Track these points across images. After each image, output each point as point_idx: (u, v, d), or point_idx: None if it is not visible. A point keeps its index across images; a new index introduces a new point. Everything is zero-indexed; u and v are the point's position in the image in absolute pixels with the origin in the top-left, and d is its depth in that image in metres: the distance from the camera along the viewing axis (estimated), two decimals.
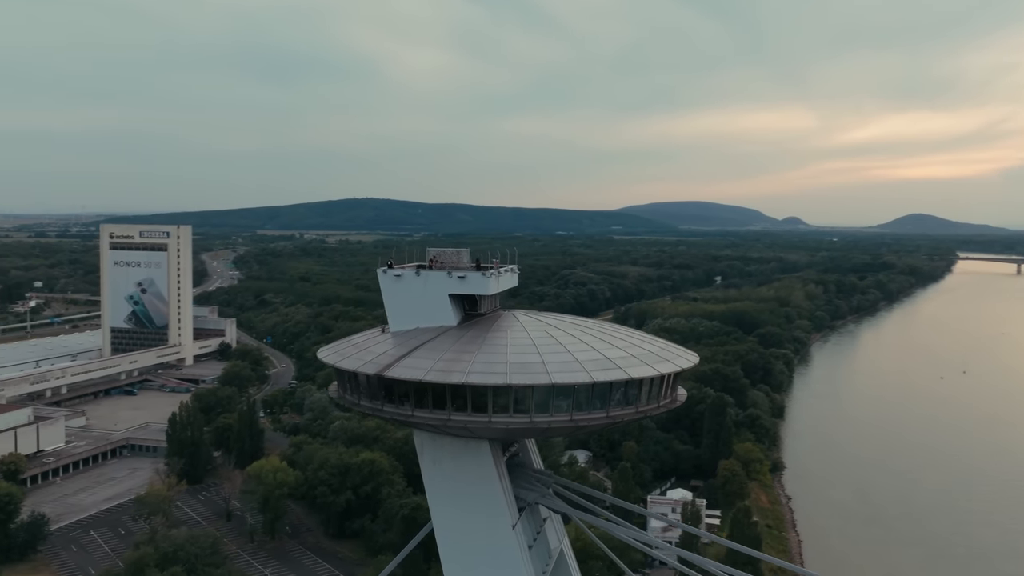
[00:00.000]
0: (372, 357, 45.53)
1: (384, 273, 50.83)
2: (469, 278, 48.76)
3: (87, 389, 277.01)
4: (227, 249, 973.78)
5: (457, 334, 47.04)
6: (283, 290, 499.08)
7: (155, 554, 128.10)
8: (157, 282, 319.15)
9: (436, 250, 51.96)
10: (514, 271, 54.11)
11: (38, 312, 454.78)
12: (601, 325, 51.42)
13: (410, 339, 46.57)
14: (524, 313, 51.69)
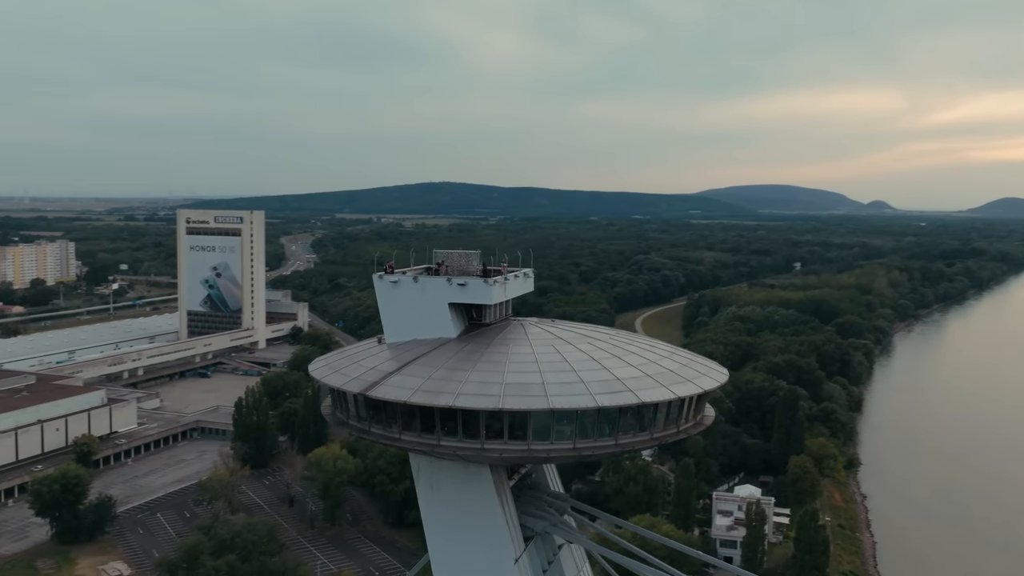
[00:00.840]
0: (360, 373, 42.22)
1: (380, 279, 47.15)
2: (470, 286, 44.80)
3: (163, 371, 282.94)
4: (306, 233, 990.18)
5: (455, 348, 43.27)
6: (356, 274, 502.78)
7: (210, 542, 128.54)
8: (231, 266, 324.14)
9: (445, 252, 48.59)
10: (527, 276, 50.07)
11: (121, 294, 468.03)
12: (620, 337, 47.16)
13: (404, 352, 43.09)
14: (536, 323, 47.92)
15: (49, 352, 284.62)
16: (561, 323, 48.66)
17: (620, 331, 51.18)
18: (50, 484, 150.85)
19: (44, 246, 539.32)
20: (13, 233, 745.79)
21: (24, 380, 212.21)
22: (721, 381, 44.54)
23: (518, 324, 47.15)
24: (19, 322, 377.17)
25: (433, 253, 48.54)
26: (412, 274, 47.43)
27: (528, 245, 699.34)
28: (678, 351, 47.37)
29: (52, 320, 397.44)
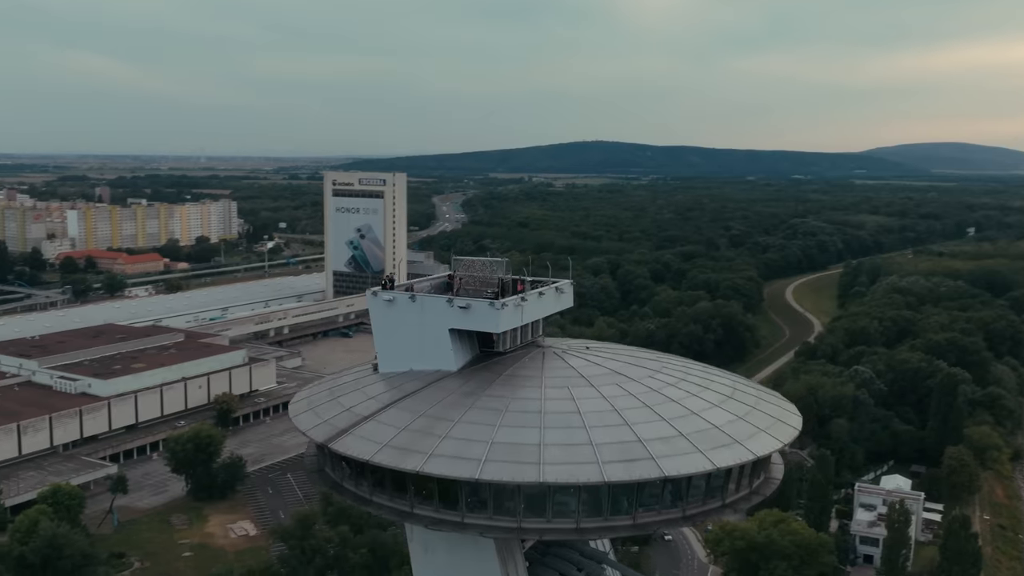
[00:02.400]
0: (333, 415, 36.32)
1: (373, 296, 41.07)
2: (474, 309, 37.60)
3: (307, 330, 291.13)
4: (458, 192, 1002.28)
5: (450, 387, 36.63)
6: (501, 236, 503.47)
7: (322, 513, 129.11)
8: (374, 228, 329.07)
9: (466, 260, 42.40)
10: (560, 291, 42.20)
11: (277, 252, 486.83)
12: (666, 372, 38.78)
13: (391, 389, 37.23)
14: (563, 351, 40.22)
15: (204, 309, 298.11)
16: (597, 348, 41.36)
17: (672, 359, 42.55)
18: (184, 443, 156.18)
19: (208, 205, 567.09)
20: (187, 191, 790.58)
21: (173, 338, 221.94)
22: (786, 440, 36.06)
23: (538, 354, 39.86)
24: (182, 278, 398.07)
25: (452, 261, 42.55)
26: (417, 288, 41.63)
27: (678, 206, 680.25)
28: (743, 388, 39.10)
29: (212, 277, 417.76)
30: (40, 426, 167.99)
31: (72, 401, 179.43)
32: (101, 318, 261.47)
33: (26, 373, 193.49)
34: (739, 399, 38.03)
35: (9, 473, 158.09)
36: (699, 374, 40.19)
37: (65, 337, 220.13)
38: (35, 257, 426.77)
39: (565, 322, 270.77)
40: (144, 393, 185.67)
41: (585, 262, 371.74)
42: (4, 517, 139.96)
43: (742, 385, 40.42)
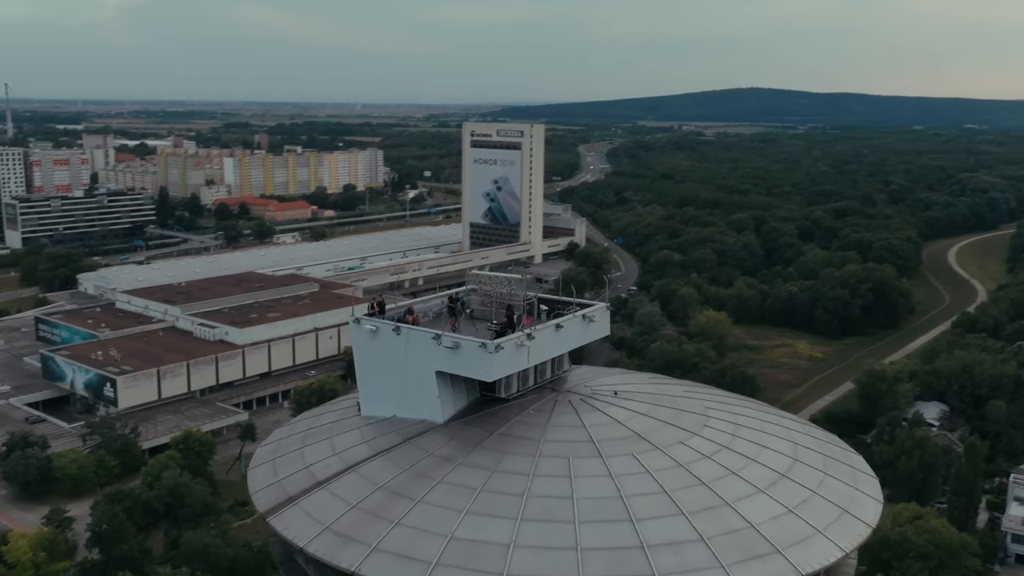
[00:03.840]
0: (291, 473, 30.85)
1: (357, 324, 34.81)
2: (463, 350, 30.56)
3: (441, 282, 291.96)
4: (604, 141, 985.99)
5: (429, 446, 30.24)
6: (643, 187, 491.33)
7: None
8: (511, 180, 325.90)
9: (483, 275, 36.54)
10: (589, 320, 34.35)
11: (419, 202, 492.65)
12: (713, 420, 31.17)
13: (362, 443, 31.32)
14: (580, 399, 32.33)
15: (344, 258, 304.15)
16: (631, 392, 33.31)
17: (725, 407, 33.99)
18: (308, 395, 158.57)
19: (356, 153, 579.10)
20: (340, 138, 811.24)
21: (308, 288, 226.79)
22: (851, 546, 27.78)
23: (550, 403, 32.52)
24: (326, 226, 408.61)
25: (468, 277, 36.82)
26: (423, 309, 35.36)
27: (834, 158, 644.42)
28: (810, 453, 30.70)
29: (355, 225, 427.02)
30: (178, 372, 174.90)
31: (210, 348, 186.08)
32: (245, 265, 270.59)
33: (170, 319, 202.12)
34: (798, 475, 30.13)
35: (149, 416, 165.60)
36: (753, 434, 31.85)
37: (208, 284, 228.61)
38: (194, 203, 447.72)
39: (702, 281, 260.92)
40: (277, 343, 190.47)
41: (729, 217, 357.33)
42: (142, 459, 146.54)
43: (810, 447, 32.16)
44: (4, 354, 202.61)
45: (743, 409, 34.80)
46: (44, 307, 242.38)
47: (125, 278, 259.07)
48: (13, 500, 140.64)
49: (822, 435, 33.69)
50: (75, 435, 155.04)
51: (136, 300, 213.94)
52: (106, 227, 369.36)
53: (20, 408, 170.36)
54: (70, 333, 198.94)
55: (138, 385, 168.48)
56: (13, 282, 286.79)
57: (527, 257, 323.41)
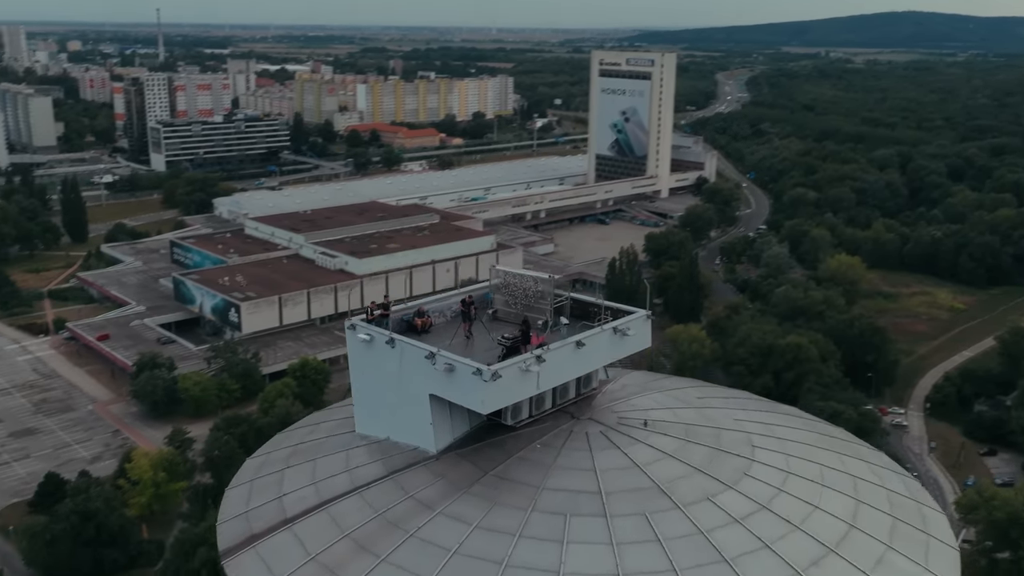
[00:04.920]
0: (264, 502, 27.46)
1: (352, 331, 30.40)
2: (457, 374, 26.12)
3: (563, 215, 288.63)
4: (744, 68, 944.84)
5: (413, 484, 26.17)
6: (782, 119, 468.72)
7: None
8: (639, 111, 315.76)
9: (508, 271, 32.21)
10: (622, 333, 29.42)
11: (547, 131, 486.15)
12: (757, 465, 26.02)
13: (344, 472, 27.46)
14: (603, 427, 27.41)
15: (468, 188, 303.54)
16: (667, 424, 27.93)
17: (772, 447, 28.07)
18: None
19: (486, 80, 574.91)
20: (472, 64, 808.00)
21: (429, 219, 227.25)
22: None
23: (563, 434, 27.55)
24: (453, 154, 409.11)
25: (491, 272, 32.45)
26: (438, 309, 30.99)
27: (995, 89, 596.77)
28: (872, 510, 25.40)
29: (482, 154, 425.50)
30: (299, 299, 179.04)
31: (330, 277, 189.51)
32: (370, 194, 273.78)
33: (294, 247, 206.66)
34: (849, 550, 23.93)
35: (271, 342, 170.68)
36: (804, 487, 26.15)
37: (333, 213, 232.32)
38: (327, 129, 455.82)
39: (837, 222, 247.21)
40: (394, 273, 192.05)
41: (872, 153, 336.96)
42: (262, 384, 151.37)
43: (875, 504, 26.28)
44: (142, 275, 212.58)
45: (802, 446, 28.95)
46: (180, 230, 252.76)
47: (256, 204, 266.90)
48: (142, 418, 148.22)
49: (897, 483, 28.32)
50: (200, 358, 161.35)
51: (263, 227, 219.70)
52: (243, 152, 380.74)
53: (153, 329, 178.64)
54: (201, 257, 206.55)
55: (260, 311, 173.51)
56: (155, 204, 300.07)
57: (652, 192, 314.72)
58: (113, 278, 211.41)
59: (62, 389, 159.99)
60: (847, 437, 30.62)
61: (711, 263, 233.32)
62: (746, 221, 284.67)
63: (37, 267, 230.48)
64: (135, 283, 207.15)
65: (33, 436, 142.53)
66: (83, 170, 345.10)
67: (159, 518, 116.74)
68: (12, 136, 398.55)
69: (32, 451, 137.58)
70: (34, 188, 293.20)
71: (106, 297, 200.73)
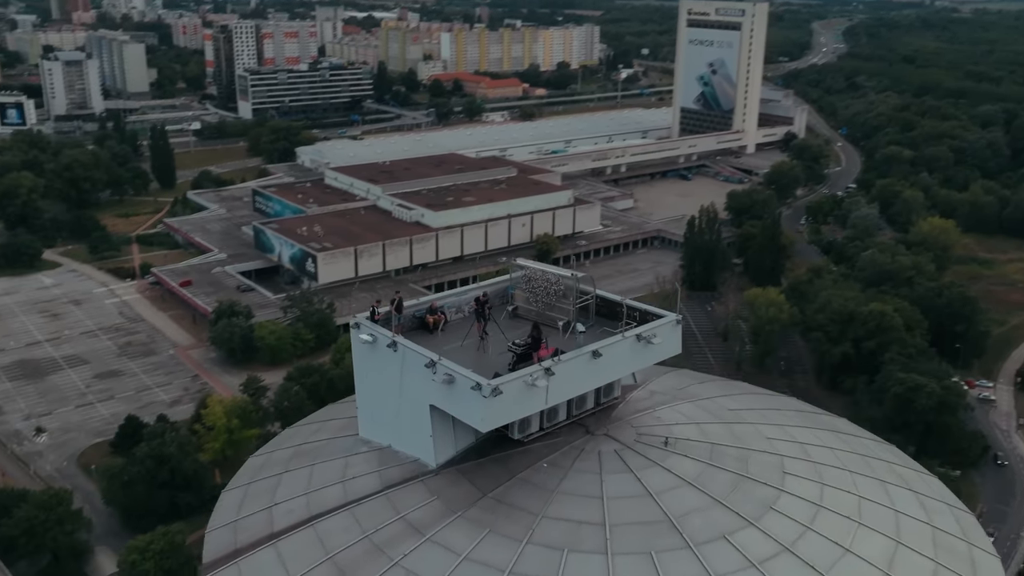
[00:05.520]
0: (255, 511, 25.84)
1: (356, 329, 28.26)
2: (457, 386, 23.82)
3: (644, 169, 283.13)
4: (843, 18, 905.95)
5: (407, 503, 24.11)
6: (879, 72, 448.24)
7: None
8: (727, 63, 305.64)
9: (530, 265, 29.49)
10: (646, 341, 26.04)
11: (633, 82, 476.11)
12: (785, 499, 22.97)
13: (339, 483, 25.59)
14: (620, 445, 24.81)
15: (548, 140, 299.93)
16: (692, 444, 25.18)
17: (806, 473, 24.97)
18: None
19: (571, 29, 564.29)
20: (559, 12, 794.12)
21: (507, 172, 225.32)
22: None
23: (573, 453, 24.88)
24: (535, 105, 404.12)
25: (512, 266, 29.78)
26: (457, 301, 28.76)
27: None
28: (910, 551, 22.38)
29: (565, 105, 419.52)
30: (375, 251, 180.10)
31: (406, 229, 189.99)
32: (450, 145, 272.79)
33: (372, 198, 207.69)
34: None
35: (345, 292, 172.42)
36: (835, 522, 22.83)
37: (411, 165, 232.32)
38: (410, 78, 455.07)
39: (932, 182, 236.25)
40: (470, 227, 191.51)
41: (974, 110, 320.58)
42: (336, 335, 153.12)
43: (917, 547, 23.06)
44: (225, 223, 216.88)
45: (841, 472, 25.48)
46: (263, 179, 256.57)
47: (337, 153, 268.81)
48: (220, 364, 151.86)
49: (947, 520, 25.38)
50: (278, 306, 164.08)
51: (342, 177, 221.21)
52: (327, 101, 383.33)
53: (233, 276, 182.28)
54: (281, 206, 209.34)
55: (336, 262, 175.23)
56: (241, 152, 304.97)
57: (738, 147, 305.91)
58: (197, 225, 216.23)
59: (146, 333, 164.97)
60: (897, 458, 27.73)
61: (795, 223, 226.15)
62: (835, 180, 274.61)
63: (126, 212, 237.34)
64: (218, 230, 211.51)
65: (117, 378, 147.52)
66: (173, 116, 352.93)
67: (232, 463, 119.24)
68: (107, 82, 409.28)
69: (116, 392, 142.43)
70: (126, 134, 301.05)
71: (190, 243, 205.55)
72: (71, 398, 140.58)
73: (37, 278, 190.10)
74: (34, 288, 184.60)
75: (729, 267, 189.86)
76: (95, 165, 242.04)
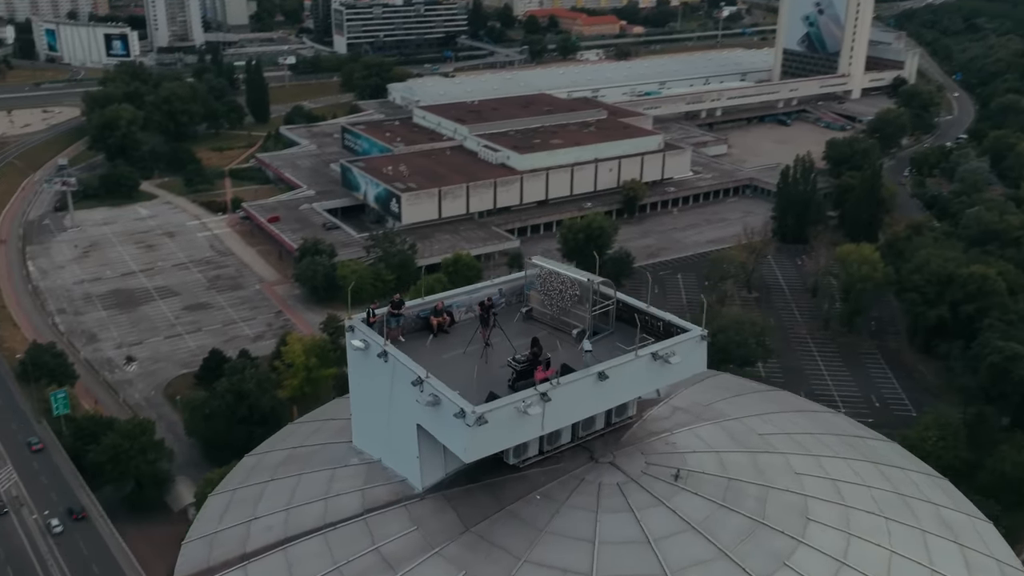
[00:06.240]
0: (233, 524, 24.07)
1: (351, 333, 26.00)
2: (442, 408, 21.62)
3: (741, 114, 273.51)
4: None
5: (384, 531, 22.10)
6: (1003, 13, 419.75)
7: None
8: (835, 2, 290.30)
9: (542, 264, 26.21)
10: (663, 359, 23.04)
11: (734, 21, 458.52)
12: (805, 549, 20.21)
13: (320, 500, 23.64)
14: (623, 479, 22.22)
15: (642, 81, 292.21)
16: (711, 457, 22.85)
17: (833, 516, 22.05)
18: (575, 233, 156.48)
19: None
20: None
21: (596, 115, 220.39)
22: None
23: (571, 483, 22.47)
24: (632, 44, 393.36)
25: (528, 264, 26.70)
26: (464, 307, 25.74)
27: None
28: None
29: (662, 44, 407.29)
30: (459, 193, 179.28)
31: (491, 171, 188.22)
32: (541, 85, 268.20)
33: (459, 138, 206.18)
34: None
35: (428, 234, 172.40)
36: None
37: (500, 105, 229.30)
38: (505, 14, 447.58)
39: None
40: (556, 171, 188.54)
41: None
42: (416, 276, 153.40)
43: None
44: (315, 159, 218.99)
45: (875, 519, 22.34)
46: (353, 115, 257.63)
47: (427, 91, 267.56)
48: (303, 301, 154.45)
49: None
50: (361, 245, 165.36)
51: (430, 116, 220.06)
52: (421, 36, 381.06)
53: (320, 214, 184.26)
54: (369, 145, 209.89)
55: (420, 203, 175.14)
56: (334, 87, 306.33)
57: (842, 92, 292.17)
58: (288, 160, 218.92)
59: (234, 267, 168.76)
60: (948, 498, 23.70)
61: (898, 175, 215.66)
62: (944, 129, 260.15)
63: (221, 146, 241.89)
64: (308, 166, 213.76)
65: (205, 311, 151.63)
66: (270, 50, 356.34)
67: (309, 401, 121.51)
68: (208, 14, 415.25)
69: (203, 325, 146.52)
70: (223, 67, 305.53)
71: (280, 179, 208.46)
72: (161, 329, 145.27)
73: (134, 209, 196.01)
74: (131, 219, 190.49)
75: (823, 220, 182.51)
76: (193, 98, 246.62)
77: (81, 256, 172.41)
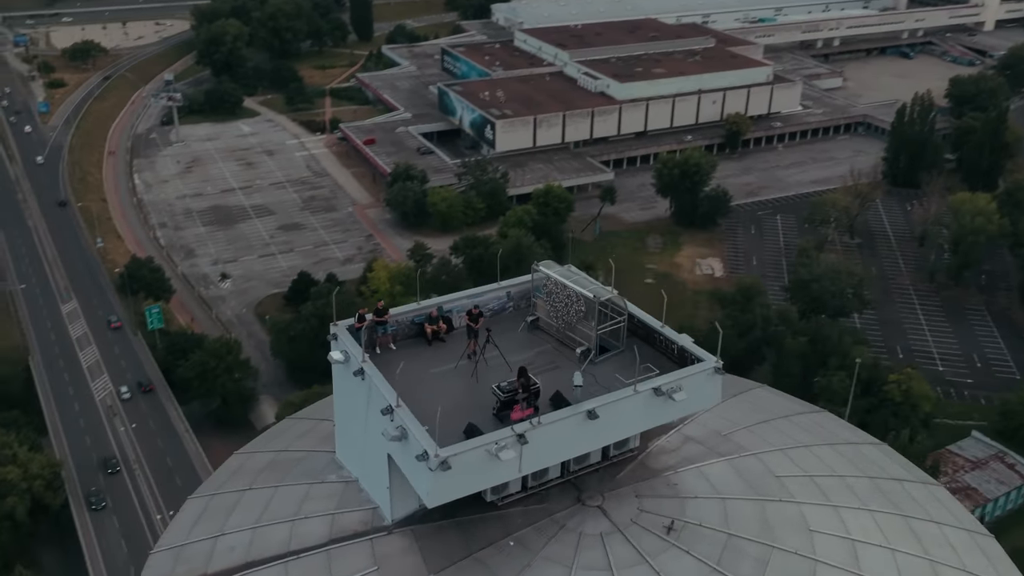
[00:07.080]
0: (205, 537, 22.61)
1: (334, 342, 24.48)
2: (409, 443, 19.72)
3: (861, 45, 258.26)
4: None
5: (345, 567, 20.44)
6: None
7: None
8: None
9: (548, 273, 23.63)
10: (666, 396, 20.54)
11: None
12: None
13: (290, 520, 22.08)
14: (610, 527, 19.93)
15: (757, 7, 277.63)
16: (711, 505, 20.18)
17: None
18: (671, 168, 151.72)
19: None
20: None
21: (704, 43, 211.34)
22: None
23: (544, 532, 20.26)
24: None
25: (534, 268, 23.69)
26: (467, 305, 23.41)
27: None
28: None
29: None
30: (554, 122, 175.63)
31: (589, 100, 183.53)
32: (649, 9, 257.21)
33: (559, 63, 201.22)
34: None
35: (522, 162, 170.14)
36: None
37: (604, 29, 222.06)
38: None
39: None
40: (656, 101, 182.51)
41: None
42: (507, 205, 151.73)
43: None
44: (414, 80, 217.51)
45: None
46: (454, 36, 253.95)
47: (531, 12, 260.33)
48: (394, 226, 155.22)
49: None
50: (453, 172, 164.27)
51: (532, 40, 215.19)
52: None
53: (415, 137, 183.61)
54: (468, 68, 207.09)
55: (515, 131, 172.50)
56: (439, 5, 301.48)
57: (974, 24, 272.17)
58: (387, 81, 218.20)
59: (329, 188, 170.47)
60: (980, 561, 21.52)
61: None
62: None
63: (323, 64, 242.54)
64: (406, 88, 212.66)
65: (298, 231, 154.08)
66: None
67: None
68: None
69: (295, 245, 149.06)
70: None
71: (379, 100, 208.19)
72: (255, 247, 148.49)
73: (237, 125, 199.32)
74: (233, 135, 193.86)
75: (939, 164, 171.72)
76: (298, 15, 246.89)
77: (184, 171, 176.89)
